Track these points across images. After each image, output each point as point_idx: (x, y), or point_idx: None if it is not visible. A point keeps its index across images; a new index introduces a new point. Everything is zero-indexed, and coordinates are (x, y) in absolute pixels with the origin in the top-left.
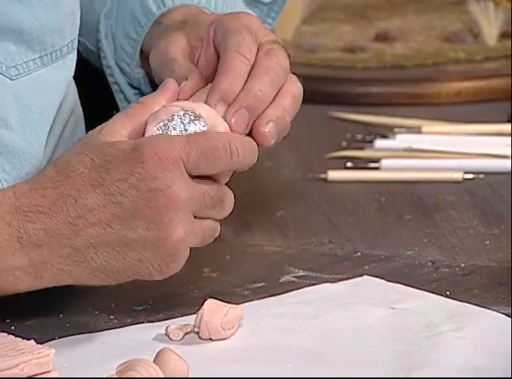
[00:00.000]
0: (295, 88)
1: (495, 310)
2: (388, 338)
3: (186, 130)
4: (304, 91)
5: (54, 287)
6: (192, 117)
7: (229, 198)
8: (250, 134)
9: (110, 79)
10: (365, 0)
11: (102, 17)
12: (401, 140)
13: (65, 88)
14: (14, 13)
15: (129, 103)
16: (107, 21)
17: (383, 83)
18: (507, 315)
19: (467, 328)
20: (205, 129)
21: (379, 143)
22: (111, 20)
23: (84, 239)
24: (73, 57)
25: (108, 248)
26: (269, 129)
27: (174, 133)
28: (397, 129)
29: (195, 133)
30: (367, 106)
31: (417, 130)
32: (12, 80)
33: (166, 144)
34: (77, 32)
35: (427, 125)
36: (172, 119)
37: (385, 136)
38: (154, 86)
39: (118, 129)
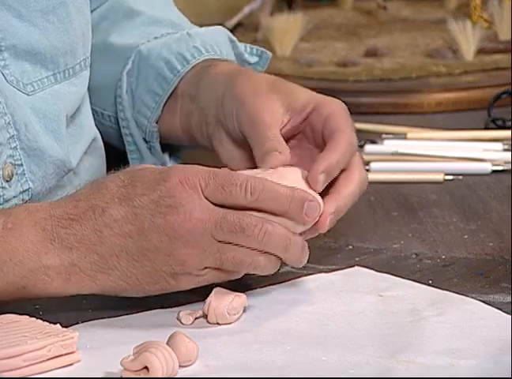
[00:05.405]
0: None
1: (472, 298)
2: (376, 322)
3: None
4: None
5: None
6: None
7: (254, 228)
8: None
9: (124, 131)
10: (356, 20)
11: (124, 75)
12: (388, 145)
13: (80, 100)
14: (30, 36)
15: (139, 153)
16: (129, 79)
17: (372, 94)
18: (484, 302)
19: (447, 314)
20: None
21: (369, 147)
22: (131, 78)
23: (109, 247)
24: (86, 73)
25: (128, 256)
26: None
27: None
28: (384, 136)
29: None
30: (357, 114)
31: (403, 136)
32: (28, 95)
33: (190, 171)
34: (89, 52)
35: (412, 132)
36: None
37: (373, 142)
38: (163, 142)
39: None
